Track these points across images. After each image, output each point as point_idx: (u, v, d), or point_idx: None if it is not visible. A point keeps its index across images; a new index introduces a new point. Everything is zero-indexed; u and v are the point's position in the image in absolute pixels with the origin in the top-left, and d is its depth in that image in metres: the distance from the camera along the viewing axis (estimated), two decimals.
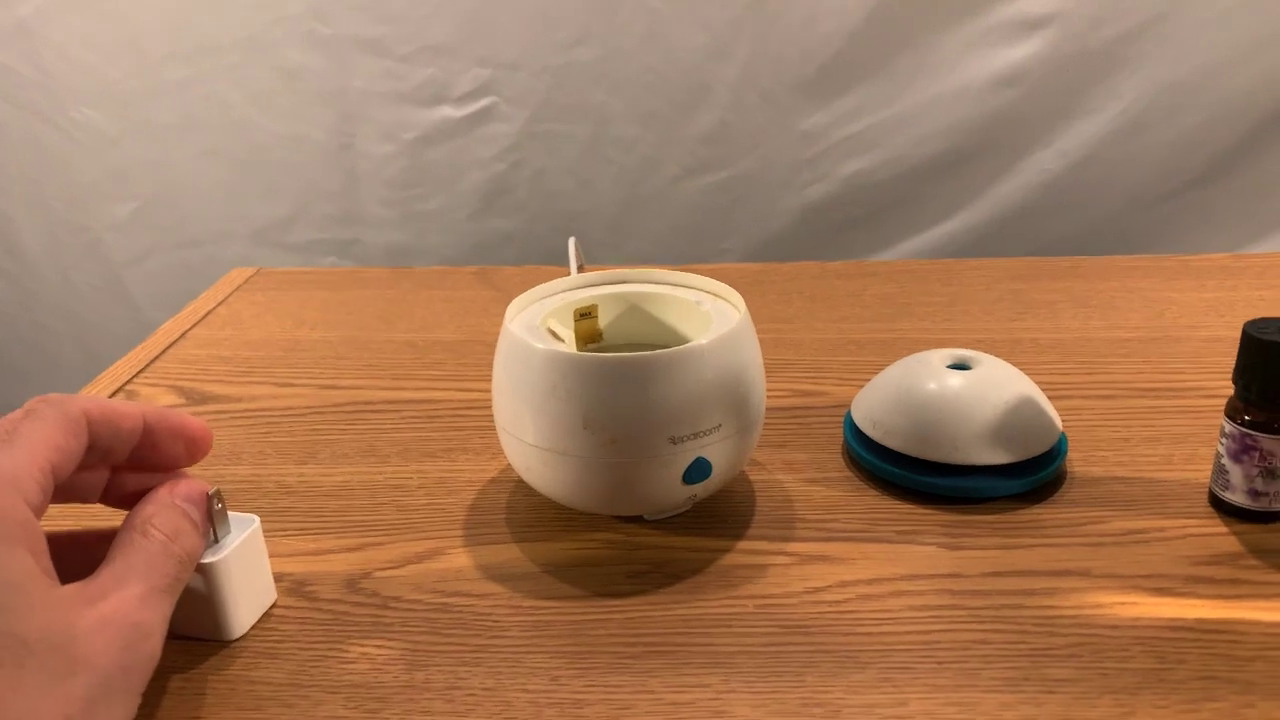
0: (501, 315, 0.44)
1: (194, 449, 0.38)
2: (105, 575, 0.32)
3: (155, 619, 0.32)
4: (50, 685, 0.28)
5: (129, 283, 1.38)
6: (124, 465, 0.37)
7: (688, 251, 1.26)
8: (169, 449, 0.38)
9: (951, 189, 1.21)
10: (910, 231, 1.24)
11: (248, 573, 0.39)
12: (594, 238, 1.26)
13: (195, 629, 0.38)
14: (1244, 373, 0.42)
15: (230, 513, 0.38)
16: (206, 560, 0.36)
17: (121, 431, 0.36)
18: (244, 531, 0.38)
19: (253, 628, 0.39)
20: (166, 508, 0.35)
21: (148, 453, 0.37)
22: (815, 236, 1.24)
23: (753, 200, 1.23)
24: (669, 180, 1.23)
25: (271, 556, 0.41)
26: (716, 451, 0.42)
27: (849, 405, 0.52)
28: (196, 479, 0.38)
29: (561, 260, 0.54)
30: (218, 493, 0.37)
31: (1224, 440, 0.43)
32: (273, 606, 0.40)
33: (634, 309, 0.49)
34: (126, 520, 0.35)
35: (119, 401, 0.37)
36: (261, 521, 0.39)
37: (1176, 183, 1.18)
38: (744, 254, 1.26)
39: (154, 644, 0.32)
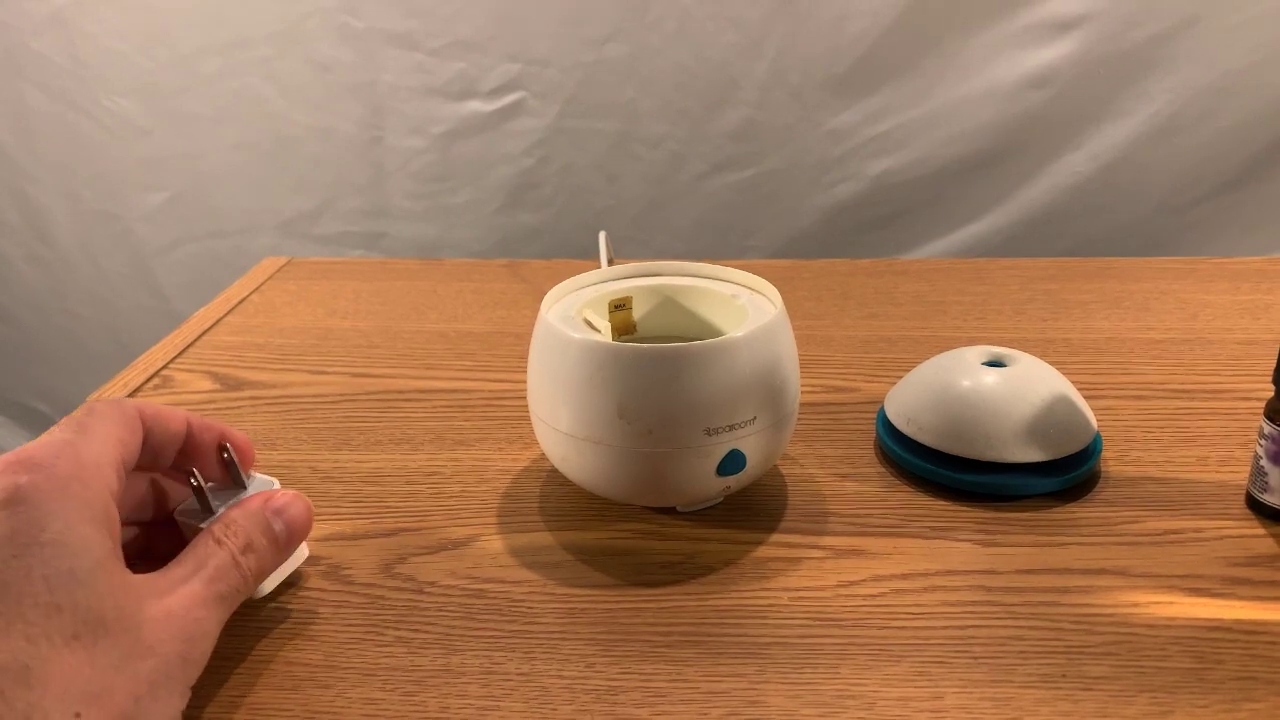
0: (531, 308, 0.45)
1: (243, 457, 0.40)
2: (174, 571, 0.33)
3: (211, 622, 0.33)
4: (122, 663, 0.29)
5: (158, 272, 1.39)
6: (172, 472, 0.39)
7: (713, 248, 1.26)
8: (211, 457, 0.39)
9: (980, 190, 1.21)
10: (937, 232, 1.24)
11: None
12: (620, 233, 1.26)
13: None
14: None
15: (256, 473, 0.39)
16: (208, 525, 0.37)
17: (169, 432, 0.37)
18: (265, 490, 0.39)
19: (290, 608, 0.40)
20: (250, 517, 0.37)
21: (196, 459, 0.38)
22: (841, 235, 1.24)
23: (779, 198, 1.23)
24: (696, 177, 1.23)
25: (308, 540, 0.41)
26: (751, 444, 0.42)
27: (880, 402, 0.52)
28: (297, 494, 0.39)
29: (588, 255, 0.54)
30: (226, 447, 0.39)
31: (1263, 442, 0.43)
32: (303, 564, 0.41)
33: (668, 301, 0.49)
34: (210, 523, 0.36)
35: (159, 404, 0.38)
36: None
37: (1207, 187, 1.17)
38: (769, 251, 1.26)
39: (208, 645, 0.33)
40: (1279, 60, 1.10)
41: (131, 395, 0.59)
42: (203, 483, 0.37)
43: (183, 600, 0.32)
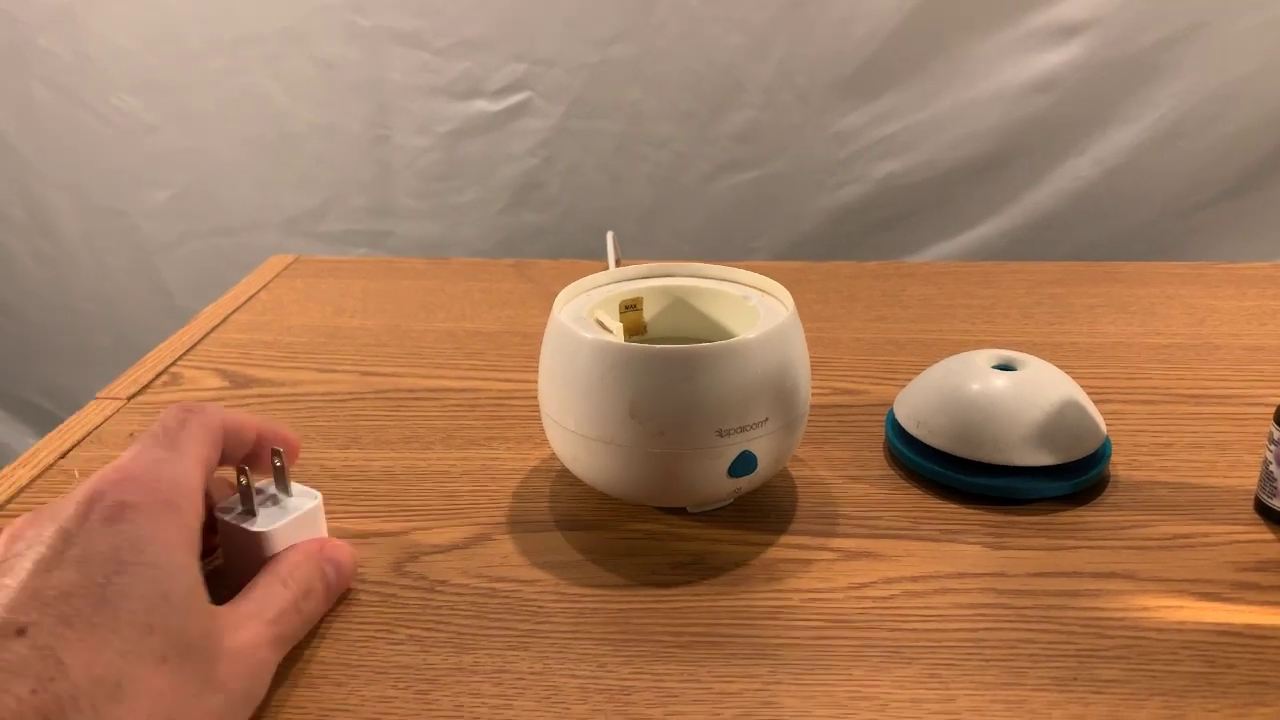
0: (539, 307, 0.45)
1: (294, 454, 0.40)
2: (244, 607, 0.34)
3: (271, 663, 0.34)
4: (199, 692, 0.29)
5: (162, 268, 1.39)
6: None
7: (718, 249, 1.26)
8: (268, 457, 0.39)
9: (985, 194, 1.21)
10: (942, 236, 1.24)
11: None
12: (625, 234, 1.25)
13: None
14: None
15: (295, 484, 0.39)
16: (260, 529, 0.37)
17: (244, 443, 0.38)
18: (305, 505, 0.39)
19: None
20: (310, 561, 0.37)
21: (252, 460, 0.39)
22: (846, 237, 1.24)
23: (784, 200, 1.23)
24: (701, 178, 1.23)
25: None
26: (762, 445, 0.42)
27: (889, 404, 0.52)
28: (346, 544, 0.40)
29: (592, 255, 0.54)
30: (279, 453, 0.38)
31: (1272, 447, 0.43)
32: None
33: (679, 303, 0.50)
34: (272, 563, 0.37)
35: (237, 413, 0.38)
36: None
37: (1212, 192, 1.17)
38: (774, 253, 1.26)
39: (265, 684, 0.33)
40: None
41: (140, 393, 0.59)
42: (252, 483, 0.37)
43: (249, 638, 0.33)
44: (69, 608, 0.27)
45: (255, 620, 0.33)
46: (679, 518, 0.45)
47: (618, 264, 0.58)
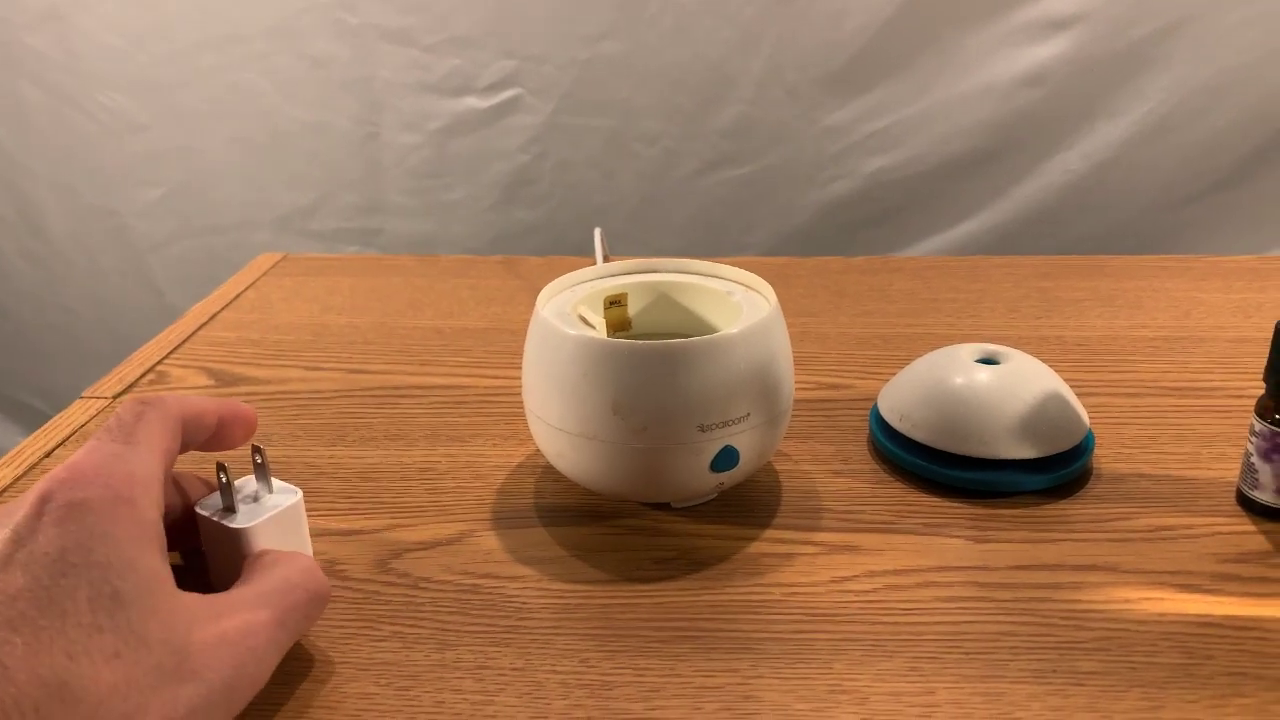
0: (526, 304, 0.45)
1: (247, 432, 0.40)
2: (236, 595, 0.33)
3: (273, 649, 0.33)
4: (159, 685, 0.29)
5: (154, 267, 1.39)
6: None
7: (708, 245, 1.26)
8: (228, 435, 0.39)
9: (974, 188, 1.21)
10: (932, 230, 1.24)
11: (283, 542, 0.39)
12: (616, 230, 1.25)
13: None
14: (1276, 371, 0.41)
15: (276, 480, 0.39)
16: (240, 525, 0.37)
17: (205, 428, 0.38)
18: (285, 501, 0.38)
19: None
20: (312, 570, 0.36)
21: (212, 441, 0.38)
22: (837, 233, 1.24)
23: (775, 195, 1.23)
24: (691, 174, 1.23)
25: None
26: (745, 440, 0.42)
27: (875, 399, 0.52)
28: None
29: (583, 252, 0.54)
30: (260, 450, 0.38)
31: (1253, 439, 0.43)
32: None
33: (663, 298, 0.50)
34: (274, 555, 0.36)
35: (198, 399, 0.38)
36: None
37: (1201, 185, 1.17)
38: (765, 249, 1.26)
39: (264, 671, 0.32)
40: (1273, 59, 1.10)
41: (126, 391, 0.59)
42: (232, 480, 0.37)
43: (241, 626, 0.32)
44: (14, 611, 0.27)
45: (249, 609, 0.33)
46: (663, 513, 0.45)
47: (606, 260, 0.58)
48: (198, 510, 0.38)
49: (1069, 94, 1.15)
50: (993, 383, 0.47)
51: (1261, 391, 0.43)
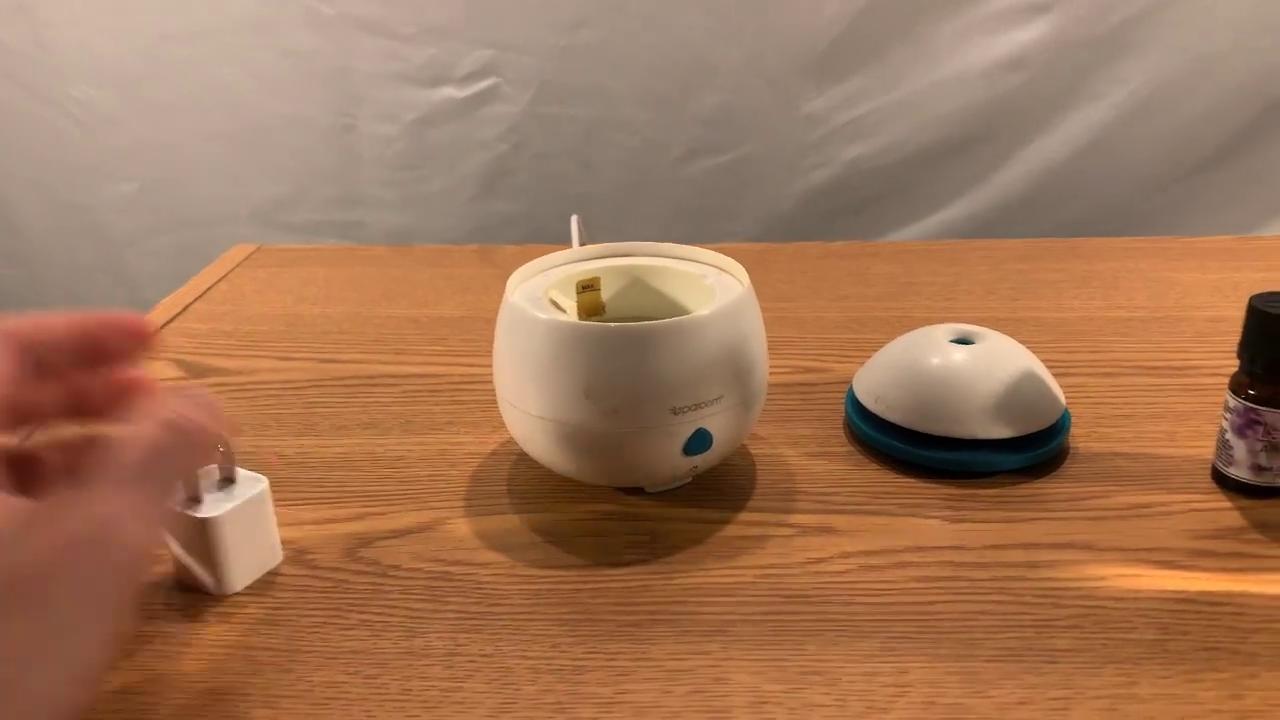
0: (502, 293, 0.44)
1: (140, 336, 0.34)
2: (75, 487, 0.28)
3: (136, 523, 0.27)
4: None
5: (130, 262, 1.37)
6: (78, 371, 0.34)
7: (689, 233, 1.25)
8: (117, 345, 0.34)
9: (955, 175, 1.21)
10: (913, 217, 1.24)
11: (249, 531, 0.39)
12: (596, 220, 1.24)
13: (192, 580, 0.38)
14: (1249, 347, 0.41)
15: (241, 470, 0.39)
16: (206, 514, 0.36)
17: (56, 340, 0.33)
18: (251, 490, 0.38)
19: (252, 594, 0.39)
20: (173, 398, 0.31)
21: (98, 355, 0.34)
22: (818, 220, 1.24)
23: (755, 184, 1.23)
24: (672, 163, 1.23)
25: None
26: (718, 423, 0.41)
27: (851, 382, 0.52)
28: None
29: (563, 241, 0.54)
30: (225, 440, 0.38)
31: (1228, 415, 0.43)
32: (278, 566, 0.41)
33: (637, 282, 0.49)
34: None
35: (46, 314, 0.34)
36: None
37: (1181, 168, 1.17)
38: (746, 237, 1.25)
39: (131, 553, 0.27)
40: (1252, 43, 1.10)
41: None
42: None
43: (85, 518, 0.26)
44: None
45: (101, 487, 0.28)
46: (637, 497, 0.45)
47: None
48: None
49: (1048, 79, 1.15)
50: (968, 363, 0.47)
51: (1237, 368, 0.43)
